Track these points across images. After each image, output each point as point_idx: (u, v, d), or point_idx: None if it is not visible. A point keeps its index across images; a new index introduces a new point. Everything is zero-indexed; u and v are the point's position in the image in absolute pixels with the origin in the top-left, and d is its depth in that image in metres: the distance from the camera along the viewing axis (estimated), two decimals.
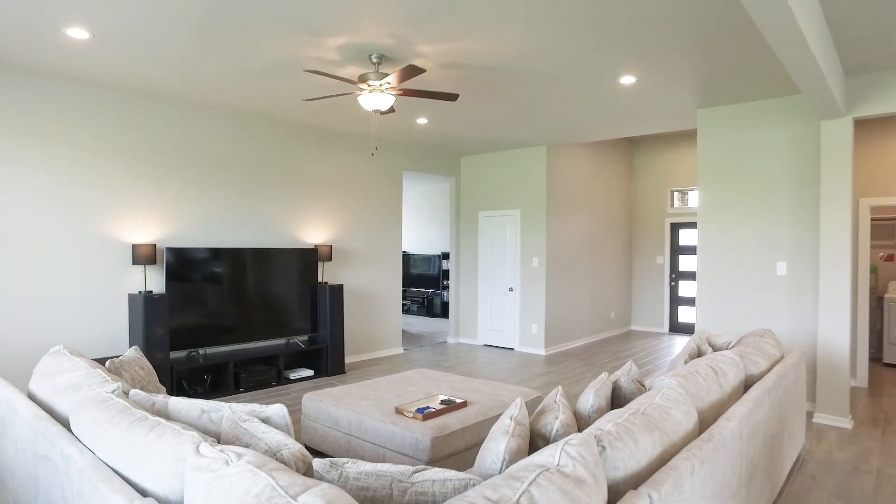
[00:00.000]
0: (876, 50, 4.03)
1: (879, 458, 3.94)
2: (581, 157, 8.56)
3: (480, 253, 8.60)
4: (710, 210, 5.64)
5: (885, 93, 4.51)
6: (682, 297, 9.64)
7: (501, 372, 6.66)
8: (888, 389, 5.91)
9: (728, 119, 5.52)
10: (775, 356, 3.63)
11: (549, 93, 5.19)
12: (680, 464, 1.78)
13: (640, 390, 2.64)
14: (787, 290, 5.22)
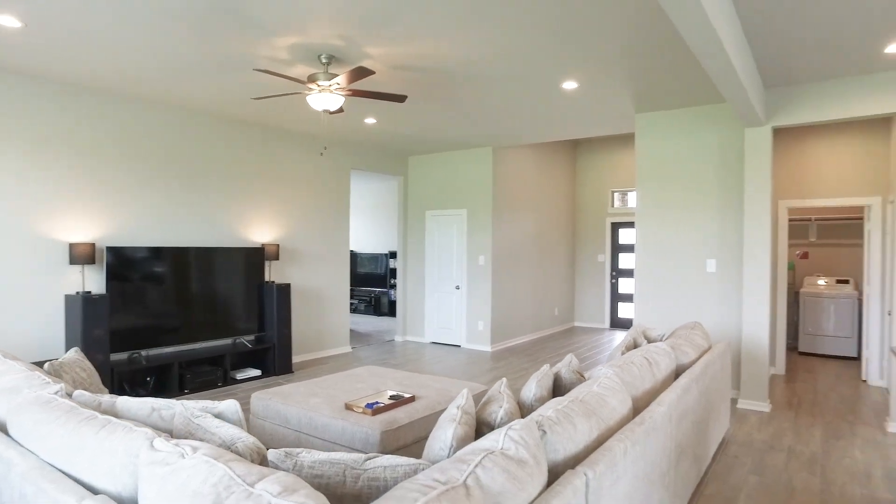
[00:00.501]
0: (789, 67, 4.38)
1: (791, 437, 4.29)
2: (526, 158, 8.80)
3: (427, 252, 8.71)
4: (647, 210, 5.94)
5: (798, 105, 4.89)
6: (622, 293, 10.06)
7: (449, 368, 6.79)
8: (802, 375, 6.40)
9: (663, 124, 5.84)
10: (704, 347, 3.89)
11: (495, 96, 5.34)
12: (614, 445, 1.93)
13: (579, 380, 2.80)
14: (716, 285, 5.57)
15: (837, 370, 6.79)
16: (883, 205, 6.20)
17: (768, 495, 3.25)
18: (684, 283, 5.73)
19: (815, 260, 8.48)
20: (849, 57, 4.21)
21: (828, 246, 8.39)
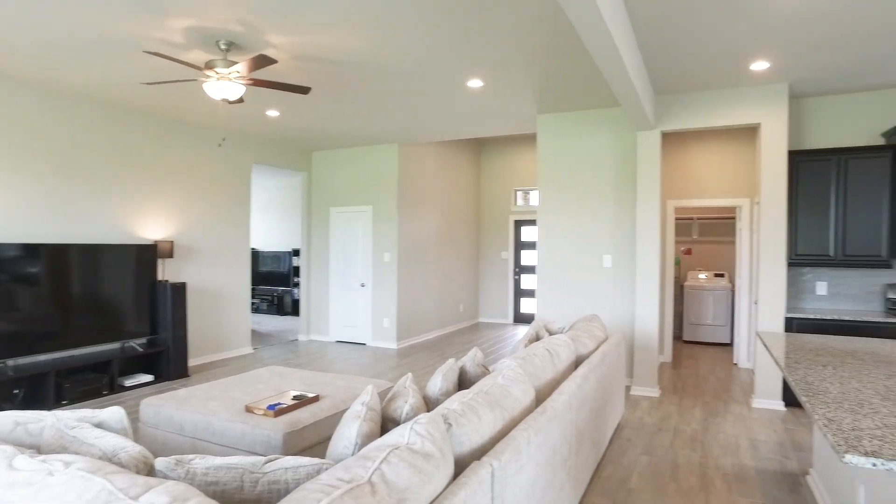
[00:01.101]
0: (676, 76, 4.72)
1: (677, 418, 4.64)
2: (432, 155, 8.86)
3: (332, 249, 8.53)
4: (547, 208, 6.17)
5: (683, 111, 5.30)
6: (524, 289, 10.40)
7: (354, 366, 6.69)
8: (686, 362, 6.95)
9: (564, 125, 6.09)
10: (601, 338, 4.11)
11: (401, 92, 5.32)
12: (518, 434, 1.98)
13: (484, 373, 2.86)
14: (612, 280, 5.90)
15: (714, 355, 7.44)
16: (751, 206, 6.85)
17: (656, 473, 3.49)
18: (583, 278, 6.02)
19: (697, 256, 9.23)
20: (723, 70, 4.61)
21: (708, 243, 9.16)
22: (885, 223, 4.98)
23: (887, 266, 5.00)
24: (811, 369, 2.60)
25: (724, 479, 3.42)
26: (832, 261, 5.12)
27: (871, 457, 1.54)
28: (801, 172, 5.19)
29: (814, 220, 5.17)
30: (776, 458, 3.77)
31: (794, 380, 2.39)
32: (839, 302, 5.39)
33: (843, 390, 2.23)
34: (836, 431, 1.72)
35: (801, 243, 5.20)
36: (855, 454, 1.55)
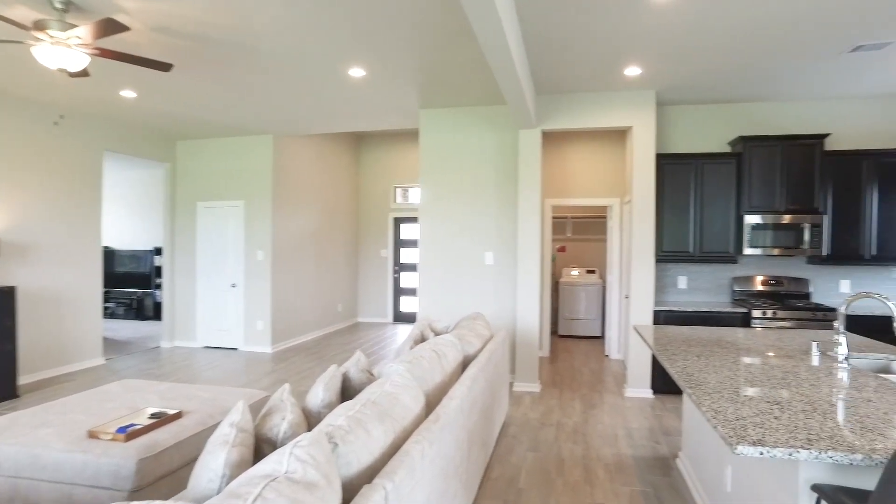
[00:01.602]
0: (556, 77, 4.83)
1: (558, 412, 4.75)
2: (309, 149, 8.43)
3: (199, 247, 7.81)
4: (429, 205, 6.08)
5: (563, 112, 5.45)
6: (404, 287, 10.28)
7: (225, 374, 6.15)
8: (562, 356, 7.22)
9: (446, 121, 6.03)
10: (486, 336, 4.07)
11: (277, 78, 4.93)
12: (412, 448, 1.81)
13: (370, 379, 2.66)
14: (494, 277, 5.94)
15: (588, 348, 7.82)
16: (620, 205, 7.28)
17: (543, 469, 3.50)
18: (465, 275, 6.00)
19: (570, 253, 9.68)
20: (601, 74, 4.79)
21: (581, 241, 9.64)
22: (732, 223, 5.47)
23: (734, 261, 5.51)
24: (688, 360, 2.71)
25: (605, 469, 3.52)
26: (692, 257, 5.54)
27: (757, 446, 1.56)
28: (666, 174, 5.56)
29: (677, 219, 5.56)
30: (649, 445, 3.97)
31: (676, 372, 2.46)
32: (696, 295, 5.86)
33: (719, 379, 2.33)
34: (724, 423, 1.75)
35: (667, 241, 5.58)
36: (744, 445, 1.57)
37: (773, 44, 4.08)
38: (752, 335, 3.51)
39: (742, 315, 5.22)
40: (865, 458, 1.53)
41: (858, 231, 5.32)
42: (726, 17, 3.61)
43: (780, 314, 5.13)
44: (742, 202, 5.42)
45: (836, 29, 3.82)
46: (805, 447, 1.56)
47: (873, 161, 5.28)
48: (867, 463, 1.53)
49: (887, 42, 4.08)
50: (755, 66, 4.60)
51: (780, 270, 5.75)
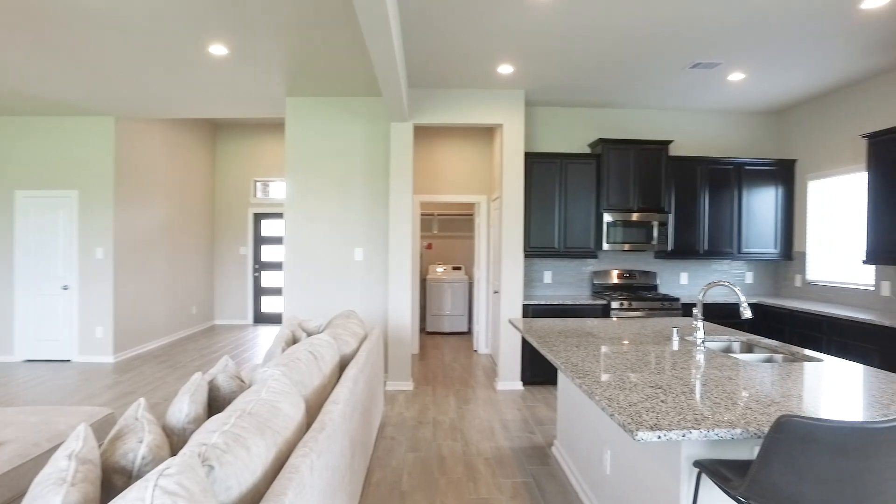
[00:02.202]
0: (430, 70, 4.77)
1: (434, 409, 4.71)
2: (159, 135, 7.57)
3: (19, 243, 6.66)
4: (297, 200, 5.73)
5: (436, 106, 5.42)
6: (266, 287, 9.68)
7: (55, 391, 5.28)
8: (432, 353, 7.23)
9: (315, 110, 5.72)
10: (361, 335, 3.88)
11: (122, 49, 4.30)
12: (300, 463, 1.60)
13: (241, 387, 2.37)
14: (363, 273, 5.75)
15: (456, 344, 7.91)
16: (488, 202, 7.46)
17: (425, 469, 3.41)
18: (334, 272, 5.74)
19: (437, 250, 9.76)
20: (475, 70, 4.81)
21: (447, 238, 9.75)
22: (593, 220, 5.83)
23: (594, 256, 5.87)
24: (570, 351, 2.77)
25: (486, 463, 3.51)
26: (557, 252, 5.81)
27: (655, 430, 1.59)
28: (533, 173, 5.77)
29: (543, 216, 5.79)
30: (525, 435, 4.05)
31: (562, 363, 2.49)
32: (560, 288, 6.16)
33: (604, 366, 2.39)
34: (619, 410, 1.77)
35: (534, 237, 5.78)
36: (644, 430, 1.58)
37: (629, 55, 4.38)
38: (619, 325, 3.73)
39: (602, 306, 5.57)
40: (744, 431, 1.62)
41: (695, 229, 5.94)
42: (594, 25, 3.78)
43: (634, 305, 5.55)
44: (601, 200, 5.79)
45: (680, 46, 4.18)
46: (695, 427, 1.62)
47: (706, 167, 5.93)
48: (745, 436, 1.62)
49: (718, 62, 4.57)
50: (614, 75, 4.91)
51: (633, 265, 6.25)
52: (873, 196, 4.61)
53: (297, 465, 1.58)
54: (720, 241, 5.96)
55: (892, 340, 4.05)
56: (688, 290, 6.28)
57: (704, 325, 3.75)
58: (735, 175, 5.96)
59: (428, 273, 9.32)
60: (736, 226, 5.97)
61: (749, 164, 5.96)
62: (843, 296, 5.34)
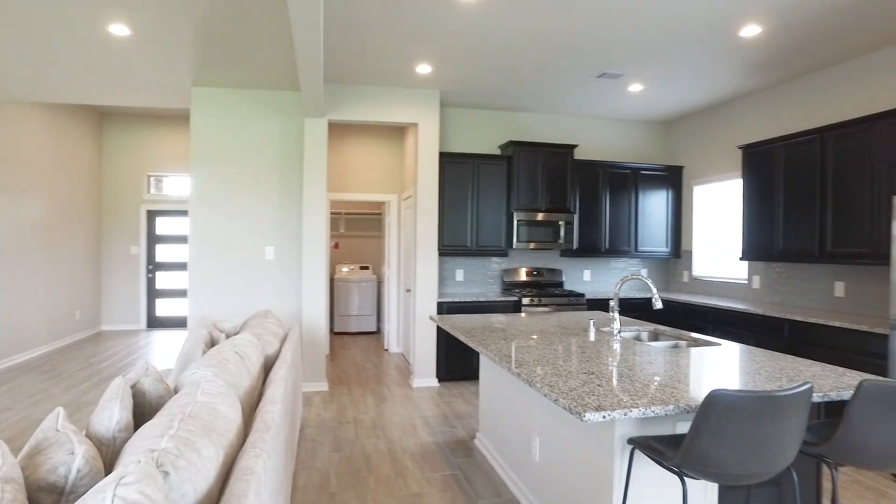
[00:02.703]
0: (347, 66, 4.71)
1: (352, 409, 4.66)
2: (37, 121, 6.82)
3: None
4: (203, 195, 5.42)
5: (351, 103, 5.35)
6: (161, 289, 9.04)
7: None
8: (342, 353, 7.13)
9: (224, 102, 5.43)
10: (281, 334, 3.77)
11: (6, 20, 3.84)
12: (254, 464, 1.54)
13: (168, 391, 2.23)
14: (275, 272, 5.56)
15: (366, 344, 7.86)
16: (399, 201, 7.48)
17: (352, 469, 3.37)
18: (244, 271, 5.50)
19: (343, 250, 9.62)
20: (393, 68, 4.82)
21: (354, 237, 9.64)
22: (504, 219, 6.04)
23: (505, 255, 6.09)
24: (499, 344, 2.87)
25: (412, 459, 3.54)
26: (469, 250, 5.95)
27: (600, 411, 1.71)
28: (446, 172, 5.87)
29: (456, 215, 5.91)
30: (447, 430, 4.13)
31: (496, 356, 2.58)
32: (471, 286, 6.31)
33: (535, 357, 2.51)
34: (563, 395, 1.87)
35: (447, 236, 5.89)
36: (590, 412, 1.70)
37: (544, 61, 4.59)
38: (538, 319, 3.90)
39: (514, 303, 5.79)
40: (675, 407, 1.78)
41: (597, 228, 6.34)
42: (514, 31, 3.93)
43: (543, 301, 5.82)
44: (511, 201, 6.01)
45: (590, 56, 4.46)
46: (634, 406, 1.75)
47: (607, 171, 6.35)
48: (677, 412, 1.78)
49: (621, 74, 4.92)
50: (528, 80, 5.12)
51: (540, 262, 6.54)
52: (747, 200, 5.18)
53: (252, 466, 1.53)
54: (619, 240, 6.40)
55: (763, 326, 4.58)
56: (591, 287, 6.69)
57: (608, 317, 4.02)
58: (632, 179, 6.43)
59: (335, 273, 9.17)
60: (633, 226, 6.44)
61: (644, 169, 6.45)
62: (722, 289, 5.94)
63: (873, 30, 3.90)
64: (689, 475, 1.66)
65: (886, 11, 3.60)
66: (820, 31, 3.94)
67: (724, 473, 1.58)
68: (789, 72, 4.84)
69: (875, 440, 1.72)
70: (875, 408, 1.70)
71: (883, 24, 3.81)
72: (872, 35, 4.00)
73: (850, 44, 4.18)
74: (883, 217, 3.90)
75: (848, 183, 4.19)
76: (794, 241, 4.65)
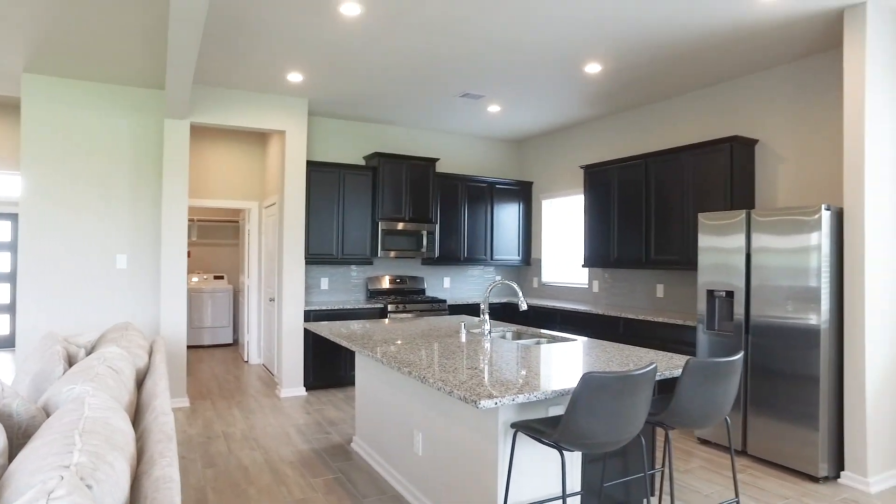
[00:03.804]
0: (216, 67, 4.55)
1: (220, 423, 4.48)
2: None
3: None
4: (38, 198, 4.83)
5: (217, 106, 5.15)
6: None
7: None
8: (199, 367, 6.75)
9: (66, 94, 4.90)
10: (147, 346, 3.55)
11: None
12: (171, 473, 1.53)
13: (40, 412, 2.06)
14: (128, 282, 5.12)
15: (223, 356, 7.50)
16: (259, 209, 7.27)
17: (230, 483, 3.28)
18: (90, 281, 4.98)
19: (195, 258, 9.05)
20: (265, 73, 4.75)
21: (207, 245, 9.12)
22: (369, 228, 6.19)
23: (370, 263, 6.23)
24: (382, 347, 3.02)
25: (292, 466, 3.53)
26: (335, 259, 6.00)
27: (492, 398, 1.95)
28: (313, 181, 5.87)
29: (323, 224, 5.93)
30: (322, 436, 4.15)
31: (384, 357, 2.73)
32: (336, 294, 6.36)
33: (419, 358, 2.70)
34: (456, 388, 2.09)
35: (313, 244, 5.88)
36: (483, 400, 1.93)
37: (412, 78, 4.84)
38: (410, 324, 4.11)
39: (380, 309, 5.94)
40: (555, 392, 2.08)
41: (457, 238, 6.74)
42: (387, 48, 4.12)
43: (407, 307, 6.05)
44: (377, 210, 6.18)
45: (455, 77, 4.81)
46: (520, 392, 2.02)
47: (466, 184, 6.79)
48: (554, 395, 2.08)
49: (482, 95, 5.35)
50: (396, 95, 5.34)
51: (403, 270, 6.78)
52: (588, 214, 5.90)
53: (170, 475, 1.52)
54: (477, 249, 6.87)
55: (603, 324, 5.26)
56: (451, 293, 7.07)
57: (475, 319, 4.36)
58: (489, 192, 6.94)
59: (188, 283, 8.59)
60: (489, 236, 6.95)
61: (499, 183, 7.00)
62: (567, 293, 6.66)
63: (683, 78, 4.73)
64: (566, 448, 1.96)
65: (691, 66, 4.39)
66: (646, 75, 4.67)
67: (595, 442, 1.91)
68: (622, 104, 5.63)
69: (697, 405, 2.18)
70: (698, 379, 2.15)
71: (688, 75, 4.64)
72: (683, 80, 4.83)
73: (667, 87, 5.01)
74: (691, 231, 4.72)
75: (665, 201, 4.99)
76: (626, 249, 5.41)
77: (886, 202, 3.47)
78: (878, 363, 3.40)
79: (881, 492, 3.27)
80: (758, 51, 4.13)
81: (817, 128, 4.21)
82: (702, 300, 4.06)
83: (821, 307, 3.38)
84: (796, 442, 3.48)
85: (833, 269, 3.44)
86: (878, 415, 3.39)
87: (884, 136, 3.45)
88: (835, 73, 4.11)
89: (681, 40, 3.94)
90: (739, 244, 3.83)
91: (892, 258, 3.49)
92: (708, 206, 4.59)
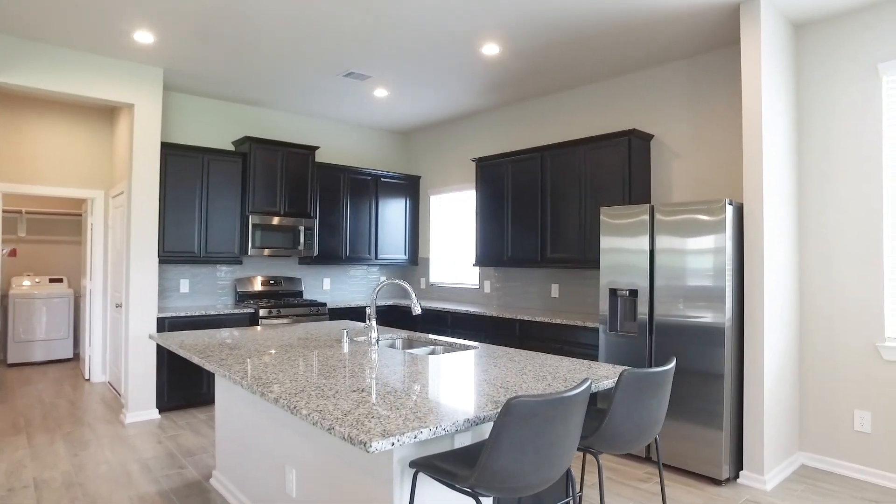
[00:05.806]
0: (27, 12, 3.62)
1: (34, 467, 3.54)
2: None
3: None
4: None
5: (28, 64, 4.15)
6: None
7: None
8: (21, 391, 5.55)
9: None
10: None
11: None
12: None
13: None
14: None
15: (57, 375, 6.29)
16: (106, 199, 6.17)
17: None
18: None
19: (24, 258, 7.60)
20: (100, 27, 3.86)
21: (40, 242, 7.70)
22: (238, 223, 5.42)
23: (239, 262, 5.46)
24: (242, 364, 2.41)
25: None
26: (196, 258, 5.17)
27: (388, 437, 1.46)
28: (170, 166, 5.00)
29: (182, 216, 5.08)
30: (174, 472, 3.40)
31: (242, 379, 2.13)
32: (199, 298, 5.50)
33: (290, 377, 2.14)
34: (338, 423, 1.57)
35: (170, 240, 5.01)
36: (377, 440, 1.43)
37: (288, 50, 4.21)
38: (283, 331, 3.49)
39: (250, 315, 5.20)
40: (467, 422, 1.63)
41: (338, 235, 6.14)
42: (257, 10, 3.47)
43: (283, 312, 5.36)
44: (247, 203, 5.43)
45: (335, 52, 4.25)
46: (423, 426, 1.55)
47: (348, 175, 6.21)
48: (476, 423, 1.63)
49: (369, 76, 4.84)
50: (270, 69, 4.66)
51: (278, 271, 6.05)
52: (480, 210, 5.59)
53: None
54: (360, 248, 6.31)
55: (497, 326, 4.95)
56: (331, 296, 6.44)
57: (360, 325, 3.84)
58: (373, 185, 6.42)
59: (11, 287, 7.15)
60: (374, 233, 6.43)
61: (384, 177, 6.51)
62: (458, 294, 6.31)
63: (580, 70, 4.55)
64: (484, 494, 1.52)
65: (588, 55, 4.20)
66: (543, 63, 4.42)
67: (520, 485, 1.48)
68: (518, 94, 5.38)
69: (633, 423, 1.84)
70: (632, 394, 1.82)
71: (585, 66, 4.47)
72: (580, 73, 4.66)
73: (564, 79, 4.81)
74: (588, 227, 4.55)
75: (561, 197, 4.79)
76: (521, 248, 5.15)
77: (782, 199, 3.45)
78: (774, 360, 3.36)
79: (775, 487, 3.22)
80: (655, 43, 4.02)
81: (710, 125, 4.20)
82: (604, 300, 3.86)
83: (725, 305, 3.27)
84: (702, 444, 3.35)
85: (734, 265, 3.36)
86: (773, 410, 3.35)
87: (777, 132, 3.43)
88: (728, 71, 4.11)
89: (577, 23, 3.70)
90: (643, 241, 3.66)
91: (788, 253, 3.49)
92: (605, 202, 4.43)
